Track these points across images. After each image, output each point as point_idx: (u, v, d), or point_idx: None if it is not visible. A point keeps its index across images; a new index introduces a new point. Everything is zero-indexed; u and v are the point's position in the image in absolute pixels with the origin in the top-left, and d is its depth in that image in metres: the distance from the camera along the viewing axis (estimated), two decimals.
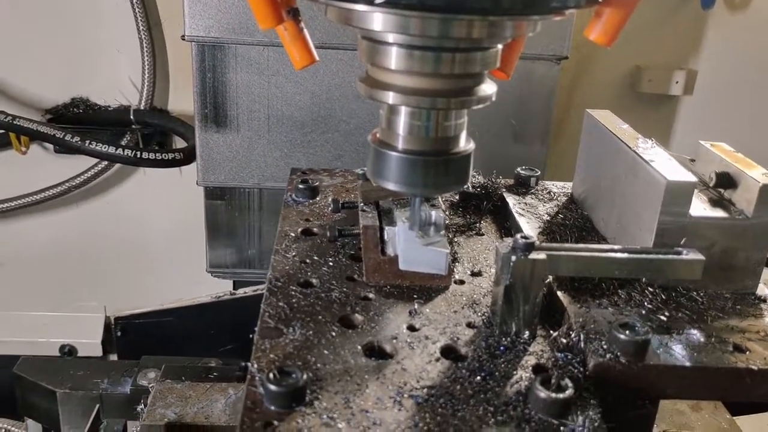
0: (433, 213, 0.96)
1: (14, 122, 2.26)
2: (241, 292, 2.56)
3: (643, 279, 0.97)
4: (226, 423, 1.56)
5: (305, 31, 0.87)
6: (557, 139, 2.48)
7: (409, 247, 0.93)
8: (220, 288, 2.51)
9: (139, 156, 2.32)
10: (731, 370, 0.82)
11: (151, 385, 1.69)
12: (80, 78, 2.47)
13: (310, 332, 0.88)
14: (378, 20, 0.74)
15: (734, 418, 1.64)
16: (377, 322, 0.91)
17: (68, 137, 2.27)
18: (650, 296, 0.95)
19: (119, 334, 2.57)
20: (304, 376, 0.75)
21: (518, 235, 0.87)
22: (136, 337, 2.61)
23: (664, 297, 0.95)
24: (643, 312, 0.92)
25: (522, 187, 1.32)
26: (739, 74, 2.64)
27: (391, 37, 0.76)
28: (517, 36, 0.79)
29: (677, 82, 2.55)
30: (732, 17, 2.55)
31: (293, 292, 0.96)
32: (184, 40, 1.95)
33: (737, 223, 0.95)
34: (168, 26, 2.41)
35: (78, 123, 2.43)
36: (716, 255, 0.95)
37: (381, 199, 1.08)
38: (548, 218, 1.20)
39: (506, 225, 1.23)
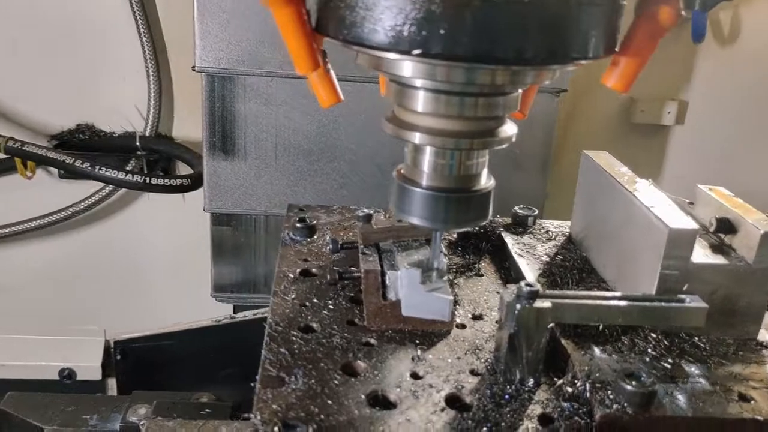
0: (439, 257, 0.95)
1: (23, 148, 2.29)
2: (240, 315, 2.55)
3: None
4: None
5: (332, 72, 0.88)
6: (554, 168, 2.50)
7: (411, 293, 0.93)
8: (221, 312, 2.50)
9: (147, 182, 2.35)
10: (737, 421, 0.82)
11: (141, 423, 1.67)
12: (85, 104, 2.50)
13: (313, 381, 0.86)
14: (407, 67, 0.76)
15: None
16: (380, 369, 0.90)
17: (78, 163, 2.30)
18: (654, 342, 0.95)
19: (119, 357, 2.56)
20: (310, 430, 0.74)
21: (522, 283, 0.86)
22: (135, 360, 2.59)
23: (667, 343, 0.95)
24: (647, 359, 0.92)
25: (520, 226, 1.32)
26: (727, 104, 2.69)
27: (419, 82, 0.78)
28: (537, 82, 0.81)
29: (669, 113, 2.59)
30: (721, 50, 2.60)
31: (294, 338, 0.95)
32: (194, 70, 1.97)
33: (739, 269, 0.96)
34: (173, 54, 2.44)
35: (83, 149, 2.45)
36: (718, 301, 0.96)
37: (381, 241, 1.07)
38: (547, 259, 1.20)
39: (505, 266, 1.23)
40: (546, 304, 0.85)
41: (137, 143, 2.50)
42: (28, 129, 2.51)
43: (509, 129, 0.86)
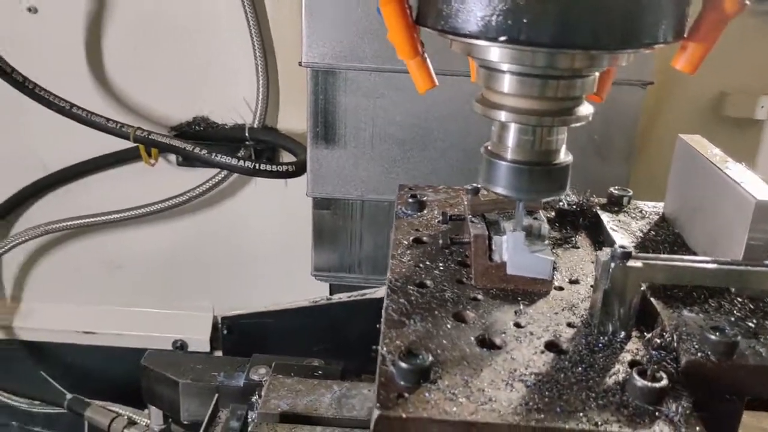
0: (540, 224, 1.08)
1: (150, 137, 2.54)
2: (336, 297, 2.73)
3: (732, 290, 1.05)
4: (332, 415, 1.70)
5: (428, 60, 1.03)
6: (639, 159, 2.54)
7: (517, 253, 1.05)
8: (318, 292, 2.68)
9: (258, 167, 2.56)
10: None
11: (264, 379, 1.85)
12: (201, 98, 2.74)
13: (429, 324, 1.00)
14: (495, 53, 0.90)
15: None
16: (486, 318, 1.03)
17: (197, 150, 2.54)
18: (739, 305, 1.03)
19: (225, 332, 2.79)
20: (430, 358, 0.88)
21: (617, 245, 0.97)
22: (240, 335, 2.82)
23: (752, 307, 1.03)
24: (732, 319, 1.00)
25: (615, 205, 1.41)
26: None
27: (505, 66, 0.91)
28: (612, 65, 0.93)
29: (763, 107, 2.58)
30: None
31: (411, 291, 1.10)
32: (300, 66, 2.15)
33: None
34: (279, 51, 2.64)
35: (198, 139, 2.68)
36: None
37: (488, 212, 1.20)
38: (641, 234, 1.29)
39: (600, 240, 1.33)
40: (638, 263, 0.96)
41: (246, 134, 2.72)
42: (149, 121, 2.77)
43: (586, 109, 0.99)
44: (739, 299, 1.05)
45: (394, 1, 0.96)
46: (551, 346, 0.97)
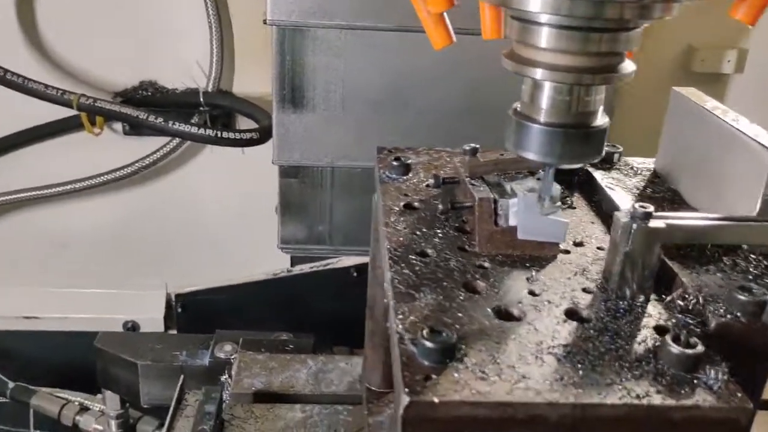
0: (552, 185, 1.01)
1: (95, 104, 2.36)
2: (297, 269, 2.64)
3: (744, 246, 1.02)
4: (311, 392, 1.63)
5: (445, 14, 0.94)
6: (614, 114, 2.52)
7: (529, 216, 0.99)
8: (284, 265, 2.59)
9: (219, 135, 2.41)
10: None
11: (232, 357, 1.77)
12: (147, 61, 2.56)
13: (440, 297, 0.93)
14: (536, 1, 0.80)
15: None
16: (499, 288, 0.97)
17: (151, 118, 2.37)
18: (754, 263, 1.00)
19: (180, 310, 2.67)
20: (455, 335, 0.81)
21: (636, 204, 0.92)
22: (195, 313, 2.70)
23: (767, 263, 1.00)
24: (750, 278, 0.97)
25: (605, 162, 1.36)
26: None
27: (544, 18, 0.82)
28: (663, 16, 0.84)
29: (729, 61, 2.59)
30: None
31: (413, 261, 1.02)
32: (265, 23, 2.01)
33: None
34: (234, 9, 2.48)
35: (146, 105, 2.51)
36: None
37: (487, 173, 1.13)
38: (637, 192, 1.25)
39: (594, 199, 1.28)
40: (660, 224, 0.91)
41: (200, 99, 2.56)
42: (92, 86, 2.58)
43: (629, 66, 0.91)
44: (753, 256, 1.02)
45: None
46: (572, 314, 0.92)
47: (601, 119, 0.92)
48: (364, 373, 1.54)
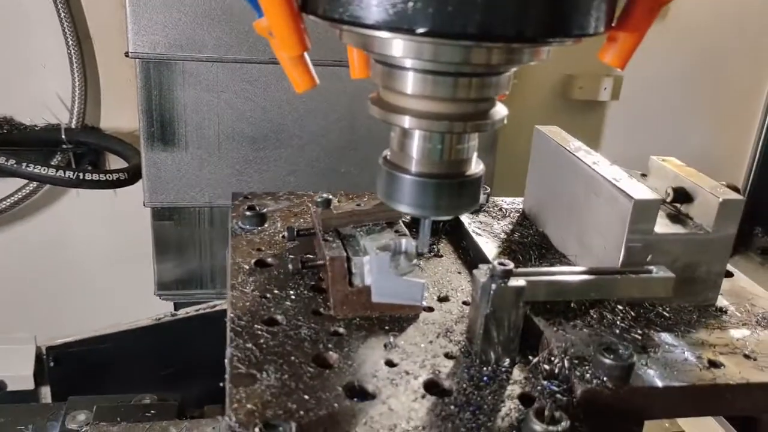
0: (404, 241, 0.93)
1: None
2: (182, 312, 2.45)
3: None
4: None
5: (306, 54, 0.83)
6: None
7: (382, 278, 0.90)
8: (163, 311, 2.40)
9: (81, 177, 2.21)
10: (712, 387, 0.83)
11: (83, 429, 1.58)
12: (2, 96, 2.32)
13: (286, 376, 0.82)
14: (400, 46, 0.71)
15: (676, 419, 1.70)
16: (353, 358, 0.87)
17: (2, 160, 2.13)
18: (621, 314, 0.95)
19: (52, 364, 2.42)
20: (293, 428, 0.71)
21: (495, 262, 0.85)
22: (70, 366, 2.46)
23: (633, 314, 0.96)
24: (617, 331, 0.92)
25: None
26: (659, 79, 2.78)
27: (409, 63, 0.73)
28: (533, 60, 0.77)
29: (605, 89, 2.65)
30: (653, 26, 2.67)
31: (259, 332, 0.91)
32: (127, 56, 1.85)
33: (698, 238, 0.97)
34: (98, 41, 2.31)
35: (2, 144, 2.27)
36: (679, 270, 0.97)
37: (342, 226, 1.03)
38: (505, 236, 1.19)
39: (462, 245, 1.22)
40: (520, 282, 0.84)
41: (63, 136, 2.36)
42: None
43: (501, 110, 0.83)
44: (620, 306, 0.97)
45: None
46: (432, 386, 0.83)
47: (476, 167, 0.84)
48: None
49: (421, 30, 0.65)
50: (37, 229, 2.56)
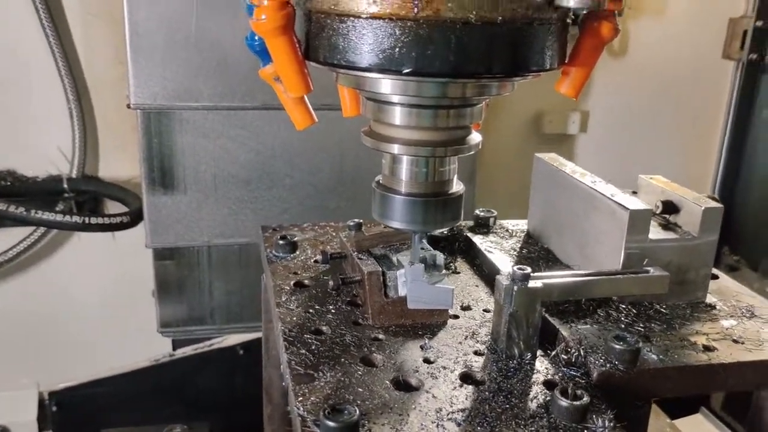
0: (435, 254, 1.06)
1: None
2: (180, 352, 2.54)
3: (615, 298, 1.11)
4: None
5: (305, 96, 0.99)
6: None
7: (416, 287, 1.03)
8: (164, 349, 2.49)
9: (86, 222, 2.32)
10: (707, 366, 0.96)
11: None
12: (4, 150, 2.44)
13: (339, 374, 0.94)
14: (388, 85, 0.89)
15: (673, 421, 1.82)
16: (395, 359, 0.99)
17: (11, 208, 2.24)
18: (624, 312, 1.09)
19: (54, 408, 2.48)
20: (358, 411, 0.82)
21: (515, 268, 0.98)
22: (73, 411, 2.52)
23: (635, 312, 1.09)
24: (622, 326, 1.05)
25: (482, 227, 1.44)
26: (623, 111, 2.97)
27: (397, 98, 0.89)
28: (500, 93, 0.94)
29: (573, 122, 2.84)
30: (614, 62, 2.87)
31: (309, 340, 1.03)
32: (129, 108, 1.98)
33: (687, 243, 1.11)
34: (96, 94, 2.44)
35: (6, 196, 2.37)
36: (672, 272, 1.10)
37: (373, 247, 1.16)
38: (514, 253, 1.32)
39: (476, 263, 1.34)
40: (538, 284, 0.97)
41: (65, 185, 2.47)
42: None
43: (476, 137, 1.00)
44: (623, 306, 1.10)
45: (284, 35, 0.90)
46: (466, 377, 0.96)
47: (457, 186, 1.01)
48: None
49: (406, 70, 0.81)
50: (39, 277, 2.64)
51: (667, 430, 1.77)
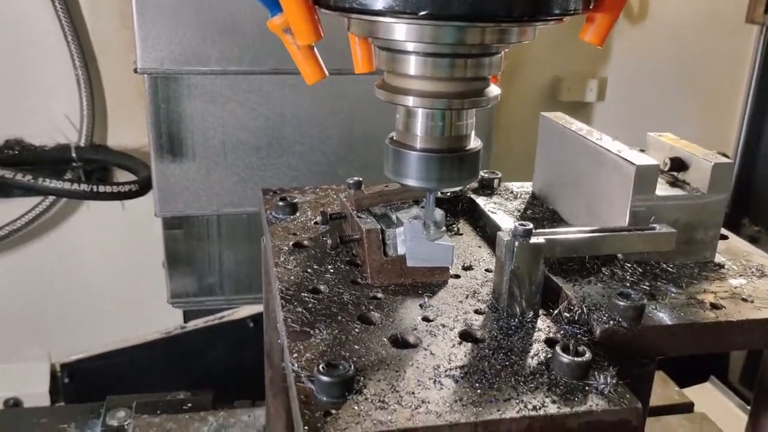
0: (435, 211, 1.03)
1: None
2: (191, 325, 2.54)
3: (620, 256, 1.08)
4: None
5: (315, 49, 0.95)
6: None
7: (415, 244, 1.00)
8: (174, 320, 2.48)
9: (94, 190, 2.31)
10: (714, 324, 0.93)
11: (127, 423, 1.68)
12: (11, 118, 2.43)
13: (336, 331, 0.92)
14: (402, 31, 0.83)
15: (682, 389, 1.80)
16: (393, 317, 0.97)
17: (19, 176, 2.24)
18: (630, 271, 1.06)
19: (66, 380, 2.50)
20: (353, 367, 0.80)
21: (516, 223, 0.95)
22: (84, 382, 2.54)
23: (641, 270, 1.06)
24: (627, 285, 1.02)
25: (486, 189, 1.41)
26: (642, 78, 2.90)
27: (411, 46, 0.85)
28: (520, 40, 0.89)
29: (591, 90, 2.77)
30: (633, 27, 2.81)
31: (306, 298, 1.01)
32: (136, 72, 1.96)
33: (696, 200, 1.08)
34: (103, 61, 2.42)
35: (14, 164, 2.37)
36: (680, 230, 1.07)
37: (373, 205, 1.14)
38: (518, 214, 1.30)
39: (480, 224, 1.32)
40: (540, 239, 0.95)
41: (73, 154, 2.46)
42: None
43: (495, 89, 0.95)
44: (628, 264, 1.07)
45: None
46: (466, 335, 0.93)
47: (474, 142, 0.95)
48: (268, 423, 1.50)
49: (422, 13, 0.77)
50: (48, 246, 2.64)
51: (676, 397, 1.76)
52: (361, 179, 1.18)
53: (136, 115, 2.44)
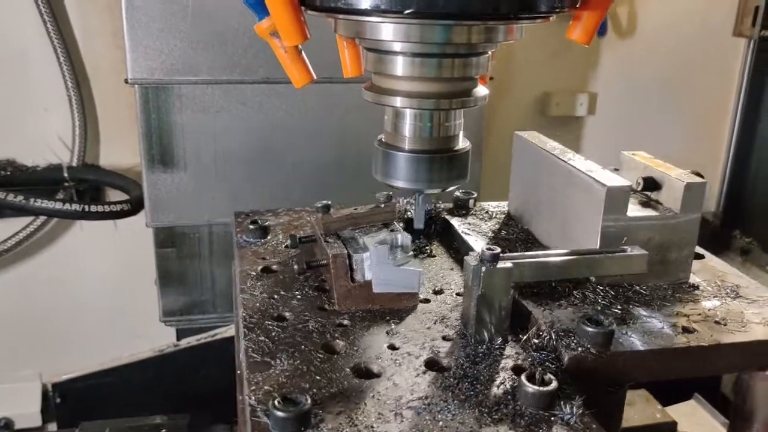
0: (399, 236, 1.01)
1: None
2: (184, 342, 2.50)
3: (593, 278, 1.06)
4: None
5: (303, 52, 0.94)
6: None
7: (381, 269, 0.98)
8: (167, 338, 2.46)
9: (86, 210, 2.30)
10: (685, 349, 0.91)
11: None
12: (3, 139, 2.42)
13: (297, 361, 0.90)
14: (389, 31, 0.83)
15: (665, 408, 1.77)
16: (358, 345, 0.95)
17: (10, 197, 2.23)
18: (602, 294, 1.04)
19: (58, 400, 2.47)
20: (309, 400, 0.78)
21: (483, 247, 0.93)
22: (76, 402, 2.50)
23: (613, 293, 1.04)
24: (599, 308, 1.00)
25: (461, 209, 1.39)
26: (632, 92, 2.90)
27: (399, 47, 0.84)
28: (507, 39, 0.88)
29: (582, 104, 2.77)
30: (622, 43, 2.81)
31: (270, 326, 0.98)
32: (127, 83, 1.95)
33: (668, 221, 1.06)
34: (95, 81, 2.42)
35: (7, 185, 2.35)
36: (652, 251, 1.05)
37: (341, 229, 1.12)
38: (492, 235, 1.27)
39: (453, 246, 1.30)
40: (508, 264, 0.92)
41: (65, 174, 2.45)
42: None
43: (482, 90, 0.94)
44: (600, 287, 1.05)
45: None
46: (432, 364, 0.91)
47: (463, 143, 0.95)
48: None
49: (407, 11, 0.76)
50: (39, 267, 2.63)
51: (658, 416, 1.73)
52: (329, 203, 1.16)
53: (128, 134, 2.43)
